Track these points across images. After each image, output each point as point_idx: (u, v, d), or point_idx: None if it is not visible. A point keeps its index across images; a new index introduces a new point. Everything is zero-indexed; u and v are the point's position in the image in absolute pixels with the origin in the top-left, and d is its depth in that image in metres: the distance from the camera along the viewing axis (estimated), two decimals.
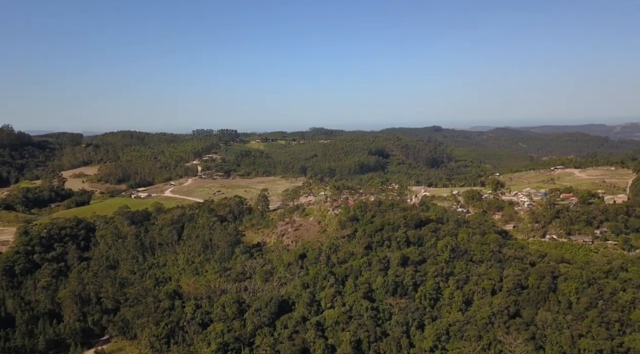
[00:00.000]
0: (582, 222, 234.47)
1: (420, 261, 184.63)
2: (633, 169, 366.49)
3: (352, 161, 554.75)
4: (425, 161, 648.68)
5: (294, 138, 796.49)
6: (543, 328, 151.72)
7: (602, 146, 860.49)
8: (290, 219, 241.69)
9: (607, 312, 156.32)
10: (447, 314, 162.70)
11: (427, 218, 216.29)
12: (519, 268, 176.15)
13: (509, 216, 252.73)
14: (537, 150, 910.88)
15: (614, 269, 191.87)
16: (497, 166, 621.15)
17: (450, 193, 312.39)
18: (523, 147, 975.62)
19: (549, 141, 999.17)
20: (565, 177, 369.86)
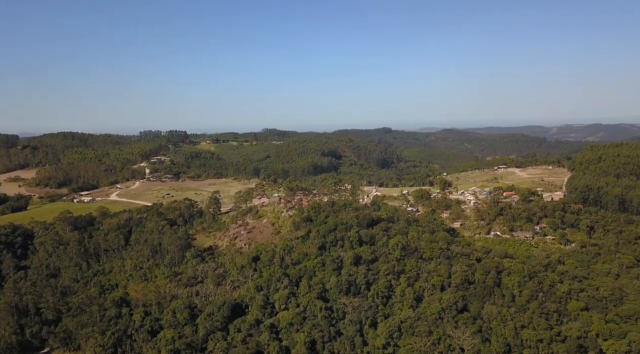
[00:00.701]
0: (524, 219, 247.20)
1: (372, 260, 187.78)
2: (568, 168, 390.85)
3: (306, 162, 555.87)
4: (377, 161, 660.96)
5: (246, 139, 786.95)
6: (489, 321, 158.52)
7: (540, 146, 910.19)
8: (243, 222, 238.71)
9: (546, 303, 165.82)
10: (399, 312, 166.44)
11: (378, 217, 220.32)
12: (466, 264, 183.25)
13: (457, 214, 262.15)
14: (481, 150, 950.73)
15: (552, 262, 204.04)
16: (444, 166, 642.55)
17: (400, 193, 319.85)
18: (469, 147, 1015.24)
19: (492, 141, 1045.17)
20: (507, 176, 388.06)
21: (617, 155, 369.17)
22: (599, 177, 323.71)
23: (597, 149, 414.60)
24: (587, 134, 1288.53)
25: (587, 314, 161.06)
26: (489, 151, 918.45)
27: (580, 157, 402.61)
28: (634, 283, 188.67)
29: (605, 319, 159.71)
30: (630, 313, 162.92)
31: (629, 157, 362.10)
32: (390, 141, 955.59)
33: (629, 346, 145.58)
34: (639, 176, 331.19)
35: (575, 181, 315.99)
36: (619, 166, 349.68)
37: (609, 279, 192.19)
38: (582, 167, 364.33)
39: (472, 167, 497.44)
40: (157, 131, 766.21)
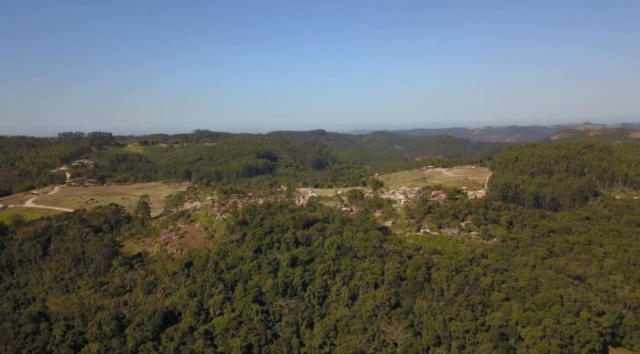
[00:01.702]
0: (450, 216, 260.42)
1: (308, 260, 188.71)
2: (489, 167, 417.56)
3: (240, 164, 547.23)
4: (312, 163, 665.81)
5: (176, 141, 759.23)
6: (420, 315, 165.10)
7: (464, 147, 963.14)
8: (175, 227, 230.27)
9: (472, 296, 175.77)
10: (334, 311, 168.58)
11: (314, 218, 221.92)
12: (398, 261, 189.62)
13: (388, 213, 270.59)
14: (411, 151, 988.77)
15: (476, 257, 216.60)
16: (376, 167, 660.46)
17: (335, 193, 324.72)
18: (399, 148, 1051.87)
19: (420, 143, 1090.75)
20: (435, 176, 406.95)
21: (532, 155, 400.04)
22: (517, 176, 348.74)
23: (515, 149, 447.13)
24: (505, 135, 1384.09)
25: (507, 304, 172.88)
26: (417, 152, 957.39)
27: (499, 157, 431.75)
28: (547, 272, 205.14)
29: (524, 307, 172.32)
30: (544, 300, 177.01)
31: (541, 156, 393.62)
32: (325, 142, 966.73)
33: (544, 331, 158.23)
34: (550, 174, 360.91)
35: (496, 179, 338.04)
36: (534, 165, 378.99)
37: (526, 270, 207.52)
38: (501, 167, 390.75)
39: (402, 167, 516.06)
40: (78, 133, 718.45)
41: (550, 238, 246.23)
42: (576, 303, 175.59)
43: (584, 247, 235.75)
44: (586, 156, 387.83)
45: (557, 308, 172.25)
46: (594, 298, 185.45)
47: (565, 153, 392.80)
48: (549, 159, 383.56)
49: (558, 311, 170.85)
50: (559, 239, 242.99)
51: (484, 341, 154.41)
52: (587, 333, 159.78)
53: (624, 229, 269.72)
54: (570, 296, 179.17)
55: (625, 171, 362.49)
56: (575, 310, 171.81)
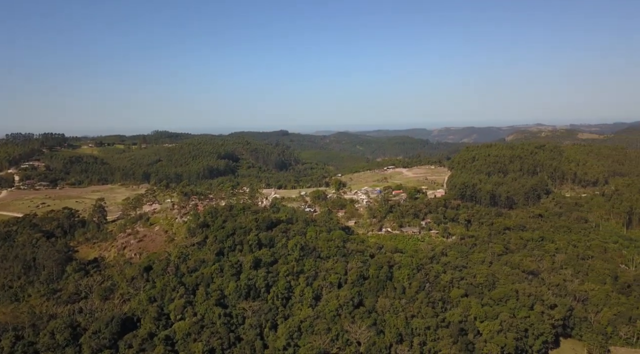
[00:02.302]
0: (411, 215, 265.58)
1: (272, 262, 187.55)
2: (448, 167, 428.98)
3: (201, 166, 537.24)
4: (275, 164, 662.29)
5: (134, 142, 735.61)
6: (383, 314, 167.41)
7: (424, 147, 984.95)
8: (133, 230, 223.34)
9: (432, 293, 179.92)
10: (298, 312, 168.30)
11: (277, 219, 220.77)
12: (361, 260, 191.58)
13: (351, 212, 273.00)
14: (372, 152, 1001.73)
15: (436, 255, 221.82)
16: (339, 167, 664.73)
17: (298, 194, 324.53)
18: (361, 149, 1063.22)
19: (382, 143, 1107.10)
20: (396, 176, 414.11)
21: (488, 155, 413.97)
22: (474, 175, 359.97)
23: (472, 149, 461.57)
24: (463, 136, 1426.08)
25: (466, 300, 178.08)
26: (379, 153, 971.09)
27: (458, 157, 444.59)
28: (503, 268, 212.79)
29: (482, 303, 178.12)
30: (501, 295, 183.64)
31: (497, 156, 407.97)
32: (288, 143, 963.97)
33: (501, 326, 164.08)
34: (505, 173, 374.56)
35: (454, 179, 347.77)
36: (490, 164, 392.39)
37: (484, 266, 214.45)
38: (459, 167, 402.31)
39: (364, 168, 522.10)
40: (28, 134, 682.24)
41: (505, 235, 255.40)
42: (530, 297, 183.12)
43: (537, 243, 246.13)
44: (538, 155, 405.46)
45: (513, 303, 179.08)
46: (547, 292, 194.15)
47: (519, 153, 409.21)
48: (504, 159, 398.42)
49: (514, 305, 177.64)
50: (514, 236, 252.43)
51: (444, 336, 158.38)
52: (540, 326, 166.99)
53: (574, 225, 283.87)
54: (524, 291, 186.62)
55: (574, 170, 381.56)
56: (530, 304, 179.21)
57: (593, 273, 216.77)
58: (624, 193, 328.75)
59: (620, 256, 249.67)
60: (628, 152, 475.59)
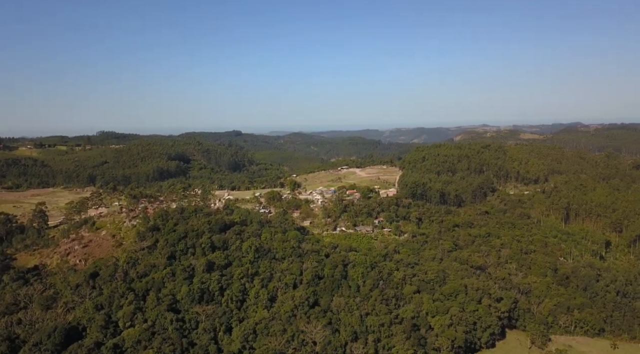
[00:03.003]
0: (365, 214, 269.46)
1: (226, 264, 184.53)
2: (399, 166, 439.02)
3: (151, 167, 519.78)
4: (228, 165, 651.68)
5: (77, 143, 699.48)
6: (338, 312, 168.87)
7: (376, 148, 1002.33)
8: (77, 235, 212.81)
9: (386, 290, 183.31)
10: (253, 314, 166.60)
11: (231, 221, 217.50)
12: (316, 260, 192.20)
13: (306, 213, 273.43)
14: (326, 152, 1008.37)
15: (389, 252, 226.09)
16: (293, 168, 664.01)
17: (252, 195, 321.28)
18: (315, 150, 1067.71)
19: (335, 144, 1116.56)
20: (349, 176, 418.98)
21: (437, 155, 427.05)
22: (424, 174, 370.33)
23: (422, 149, 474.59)
24: (413, 136, 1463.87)
25: (418, 296, 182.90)
26: (333, 153, 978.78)
27: (409, 157, 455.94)
28: (453, 264, 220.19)
29: (433, 298, 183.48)
30: (451, 290, 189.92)
31: (446, 156, 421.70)
32: (241, 144, 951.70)
33: (451, 320, 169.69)
34: (454, 172, 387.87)
35: (405, 178, 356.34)
36: (439, 164, 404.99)
37: (435, 263, 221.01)
38: (410, 166, 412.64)
39: (318, 168, 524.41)
40: None
41: (455, 232, 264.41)
42: (478, 291, 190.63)
43: (484, 239, 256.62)
44: (484, 155, 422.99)
45: (462, 297, 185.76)
46: (493, 286, 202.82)
47: (467, 153, 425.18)
48: (453, 159, 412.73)
49: (463, 299, 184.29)
50: (462, 233, 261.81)
51: (398, 333, 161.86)
52: (487, 318, 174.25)
53: (517, 221, 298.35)
54: (473, 285, 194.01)
55: (517, 169, 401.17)
56: (478, 298, 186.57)
57: (535, 266, 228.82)
58: (562, 190, 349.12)
59: (559, 249, 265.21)
60: (565, 151, 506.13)
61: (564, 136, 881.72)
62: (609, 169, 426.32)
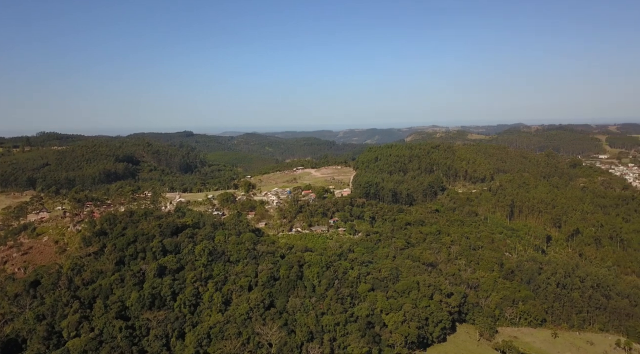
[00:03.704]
0: (320, 214, 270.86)
1: (178, 268, 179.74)
2: (353, 167, 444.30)
3: (97, 169, 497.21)
4: (179, 166, 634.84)
5: (15, 144, 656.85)
6: (294, 313, 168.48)
7: (330, 148, 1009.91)
8: (16, 242, 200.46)
9: (341, 289, 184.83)
10: (207, 318, 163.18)
11: (183, 224, 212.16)
12: (271, 261, 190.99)
13: (261, 214, 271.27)
14: (281, 153, 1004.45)
15: (344, 251, 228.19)
16: (248, 169, 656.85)
17: (205, 197, 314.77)
18: (270, 150, 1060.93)
19: (290, 145, 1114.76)
20: (305, 177, 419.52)
21: (390, 155, 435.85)
22: (377, 174, 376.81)
23: (375, 150, 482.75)
24: (366, 137, 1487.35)
25: (373, 294, 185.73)
26: (288, 154, 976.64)
27: (362, 157, 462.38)
28: (406, 262, 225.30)
29: (387, 296, 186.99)
30: (404, 287, 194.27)
31: (397, 156, 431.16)
32: (193, 145, 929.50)
33: (404, 316, 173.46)
34: (405, 172, 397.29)
35: (359, 178, 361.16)
36: (391, 164, 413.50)
37: (388, 261, 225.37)
38: (364, 166, 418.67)
39: (273, 169, 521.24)
40: None
41: (407, 230, 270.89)
42: (430, 287, 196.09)
43: (435, 236, 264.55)
44: (434, 155, 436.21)
45: (415, 294, 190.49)
46: (444, 282, 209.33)
47: (417, 153, 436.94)
48: (404, 159, 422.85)
49: (415, 296, 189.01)
50: (414, 231, 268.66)
51: (353, 331, 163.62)
52: (439, 314, 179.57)
53: (466, 218, 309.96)
54: (425, 282, 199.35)
55: (465, 168, 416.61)
56: (430, 294, 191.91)
57: (483, 262, 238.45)
58: (506, 188, 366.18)
59: (504, 245, 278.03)
60: (509, 151, 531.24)
61: (508, 136, 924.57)
62: (549, 167, 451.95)
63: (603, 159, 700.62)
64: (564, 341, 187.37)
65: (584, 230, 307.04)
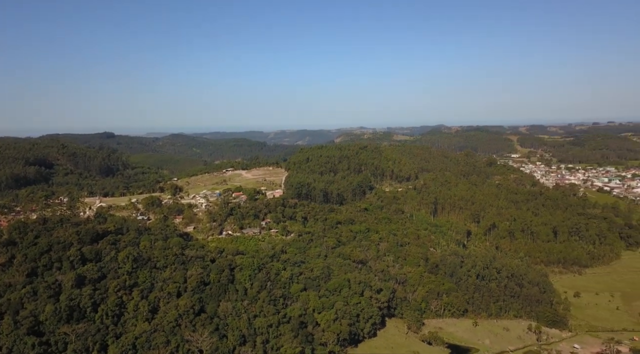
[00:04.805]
0: (251, 216, 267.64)
1: (99, 277, 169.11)
2: (285, 167, 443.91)
3: (3, 174, 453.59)
4: (99, 169, 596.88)
5: None
6: (225, 318, 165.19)
7: (261, 149, 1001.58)
8: None
9: (274, 290, 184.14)
10: (133, 328, 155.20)
11: (105, 230, 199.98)
12: (201, 266, 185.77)
13: (189, 218, 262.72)
14: (210, 154, 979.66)
15: (276, 253, 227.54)
16: (174, 171, 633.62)
17: (129, 201, 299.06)
18: (197, 152, 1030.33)
19: (219, 146, 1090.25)
20: (235, 178, 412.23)
21: (320, 156, 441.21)
22: (308, 175, 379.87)
23: (306, 151, 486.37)
24: (297, 138, 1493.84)
25: (305, 294, 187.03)
26: (216, 155, 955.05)
27: (293, 158, 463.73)
28: (337, 260, 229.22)
29: (319, 295, 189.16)
30: (335, 286, 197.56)
31: (328, 157, 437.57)
32: (114, 146, 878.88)
33: (336, 314, 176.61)
34: (336, 172, 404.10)
35: (291, 178, 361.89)
36: (322, 164, 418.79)
37: (320, 260, 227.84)
38: (295, 167, 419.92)
39: (202, 171, 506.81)
40: None
41: (338, 229, 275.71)
42: (361, 284, 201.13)
43: (364, 234, 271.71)
44: (362, 155, 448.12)
45: (346, 291, 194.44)
46: (374, 278, 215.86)
47: (346, 153, 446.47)
48: (334, 159, 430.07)
49: (347, 293, 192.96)
50: (344, 230, 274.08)
51: (286, 332, 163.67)
52: (369, 310, 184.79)
53: (393, 216, 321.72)
54: (355, 279, 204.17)
55: (391, 168, 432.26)
56: (360, 291, 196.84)
57: (409, 257, 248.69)
58: (430, 186, 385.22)
59: (429, 240, 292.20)
60: (432, 151, 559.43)
61: (431, 137, 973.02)
62: (468, 166, 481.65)
63: (515, 158, 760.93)
64: (484, 329, 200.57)
65: (499, 224, 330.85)
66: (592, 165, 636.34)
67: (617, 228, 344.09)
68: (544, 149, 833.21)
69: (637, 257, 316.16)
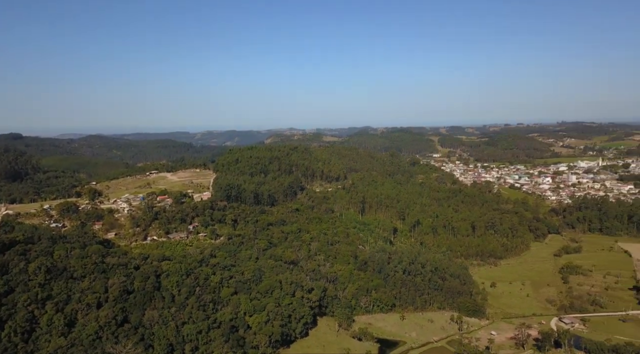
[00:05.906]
0: (178, 220, 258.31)
1: (6, 292, 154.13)
2: (213, 169, 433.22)
3: None
4: (5, 174, 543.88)
5: None
6: (151, 327, 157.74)
7: (188, 151, 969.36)
8: None
9: (203, 296, 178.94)
10: (46, 344, 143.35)
11: (12, 240, 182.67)
12: (124, 274, 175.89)
13: (110, 224, 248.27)
14: (132, 157, 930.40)
15: (205, 257, 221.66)
16: (93, 175, 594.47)
17: (40, 208, 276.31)
18: (118, 154, 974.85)
19: (142, 147, 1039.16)
20: (160, 181, 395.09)
21: (250, 157, 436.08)
22: (238, 176, 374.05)
23: (235, 152, 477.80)
24: (225, 139, 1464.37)
25: (236, 298, 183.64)
26: (139, 157, 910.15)
27: (222, 159, 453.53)
28: (269, 262, 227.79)
29: (250, 298, 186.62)
30: (267, 287, 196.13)
31: (258, 158, 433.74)
32: (22, 149, 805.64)
33: (268, 316, 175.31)
34: (266, 173, 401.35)
35: (220, 180, 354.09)
36: (252, 165, 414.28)
37: (251, 262, 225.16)
38: (224, 169, 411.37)
39: (123, 174, 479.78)
40: None
41: (269, 231, 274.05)
42: (292, 285, 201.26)
43: (296, 235, 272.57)
44: (293, 156, 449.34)
45: (278, 292, 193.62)
46: (305, 278, 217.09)
47: (277, 154, 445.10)
48: (264, 160, 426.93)
49: (278, 294, 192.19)
50: (276, 231, 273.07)
51: (216, 337, 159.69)
52: (301, 310, 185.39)
53: (324, 216, 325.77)
54: (287, 280, 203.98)
55: (321, 168, 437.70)
56: (292, 291, 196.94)
57: (340, 256, 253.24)
58: (358, 186, 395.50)
59: (358, 238, 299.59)
60: (359, 151, 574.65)
61: (358, 138, 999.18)
62: (393, 166, 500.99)
63: (436, 158, 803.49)
64: (410, 322, 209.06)
65: (423, 221, 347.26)
66: (504, 163, 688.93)
67: (527, 221, 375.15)
68: (462, 149, 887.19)
69: (543, 248, 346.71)
